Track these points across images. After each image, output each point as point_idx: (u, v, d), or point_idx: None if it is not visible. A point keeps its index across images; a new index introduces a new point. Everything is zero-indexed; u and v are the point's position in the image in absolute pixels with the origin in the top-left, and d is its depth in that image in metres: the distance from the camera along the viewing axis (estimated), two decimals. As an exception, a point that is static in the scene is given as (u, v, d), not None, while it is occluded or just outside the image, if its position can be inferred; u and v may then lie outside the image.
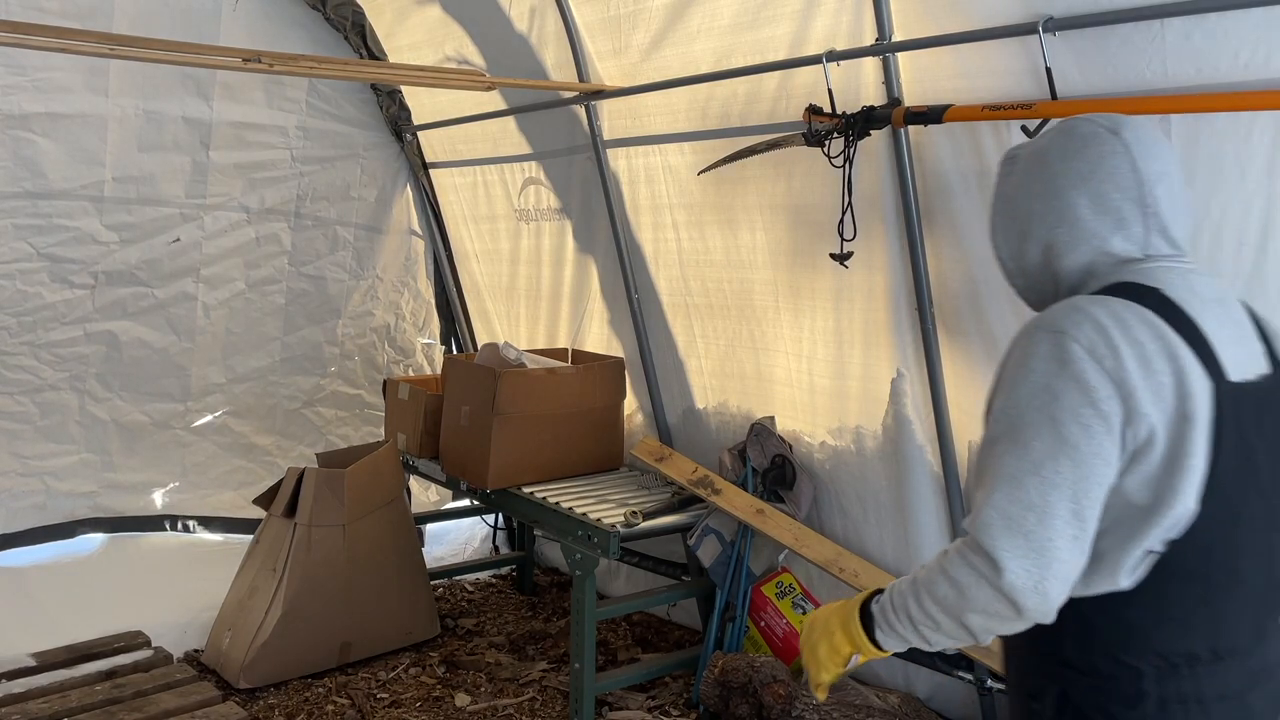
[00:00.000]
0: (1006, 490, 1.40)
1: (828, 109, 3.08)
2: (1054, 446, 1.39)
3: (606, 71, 3.91)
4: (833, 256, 3.10)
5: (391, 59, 4.79)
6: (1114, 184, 1.56)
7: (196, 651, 4.01)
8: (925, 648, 1.55)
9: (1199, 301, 1.49)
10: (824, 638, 1.63)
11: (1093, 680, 1.48)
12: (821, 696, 1.70)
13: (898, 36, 2.91)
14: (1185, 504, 1.39)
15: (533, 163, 4.59)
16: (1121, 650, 1.46)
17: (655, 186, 3.94)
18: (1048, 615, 1.40)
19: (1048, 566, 1.36)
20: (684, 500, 3.71)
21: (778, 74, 3.30)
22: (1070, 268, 1.60)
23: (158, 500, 4.98)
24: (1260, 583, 1.50)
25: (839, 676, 1.66)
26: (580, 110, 4.09)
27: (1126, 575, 1.43)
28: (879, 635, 1.56)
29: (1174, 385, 1.39)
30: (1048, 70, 2.54)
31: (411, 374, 5.40)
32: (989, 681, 3.16)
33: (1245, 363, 1.49)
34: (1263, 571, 1.50)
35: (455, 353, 5.39)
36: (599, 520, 3.49)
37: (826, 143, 3.08)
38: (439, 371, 5.01)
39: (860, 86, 3.06)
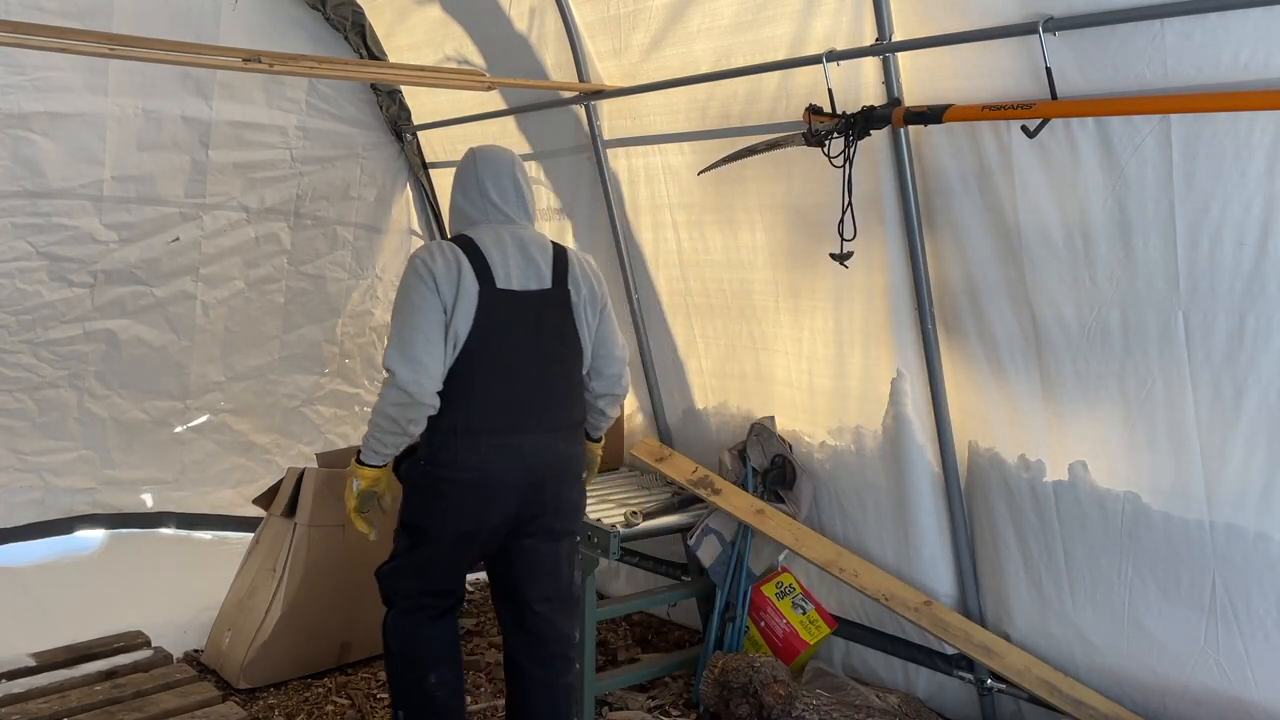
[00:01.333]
0: (395, 336, 2.66)
1: (828, 109, 3.08)
2: (409, 307, 2.65)
3: (606, 71, 3.91)
4: (833, 256, 3.10)
5: (391, 59, 4.79)
6: (469, 180, 2.86)
7: (196, 651, 4.01)
8: (389, 451, 2.76)
9: (497, 244, 2.74)
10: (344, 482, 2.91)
11: (425, 436, 2.73)
12: (359, 526, 2.90)
13: (898, 36, 2.91)
14: (455, 346, 2.65)
15: (533, 163, 4.58)
16: (436, 420, 2.69)
17: (655, 186, 3.94)
18: (428, 396, 2.62)
19: (418, 367, 2.61)
20: (684, 500, 3.71)
21: (778, 74, 3.30)
22: (457, 229, 2.87)
23: (156, 497, 4.98)
24: (511, 399, 2.72)
25: (358, 504, 2.84)
26: (580, 110, 4.09)
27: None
28: (364, 456, 2.79)
29: (457, 281, 2.65)
30: (1048, 70, 2.54)
31: (411, 373, 5.40)
32: (989, 681, 3.16)
33: (517, 279, 2.73)
34: (502, 394, 2.71)
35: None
36: (599, 520, 3.49)
37: (826, 143, 3.07)
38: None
39: (860, 86, 3.06)
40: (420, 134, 5.09)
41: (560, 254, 2.85)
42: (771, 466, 3.59)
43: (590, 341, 2.88)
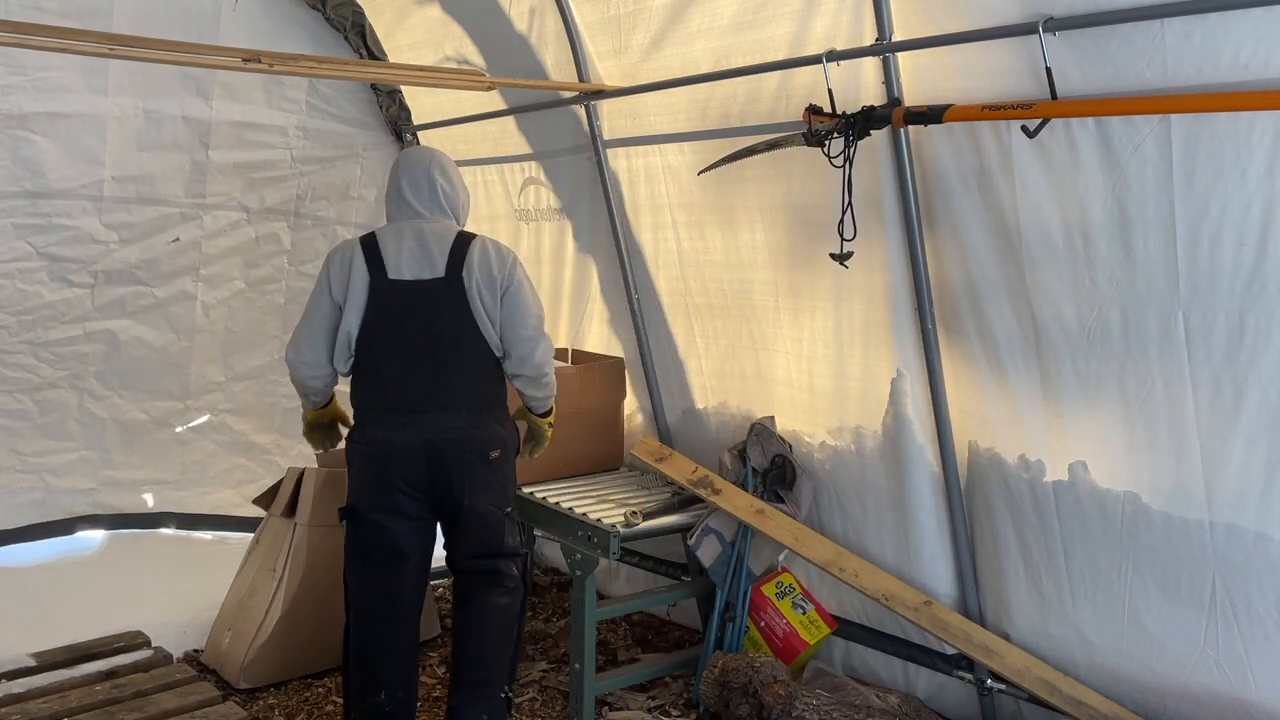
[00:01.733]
0: (296, 325, 3.13)
1: (828, 109, 3.08)
2: (309, 304, 3.10)
3: (606, 71, 3.91)
4: (833, 256, 3.10)
5: (391, 59, 4.79)
6: (391, 184, 3.17)
7: (196, 651, 4.01)
8: (307, 405, 3.31)
9: (396, 238, 3.05)
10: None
11: (353, 413, 3.14)
12: (310, 443, 3.49)
13: (898, 36, 2.91)
14: (350, 331, 3.01)
15: (533, 163, 4.59)
16: (354, 397, 3.10)
17: (655, 186, 3.94)
18: (304, 379, 3.15)
19: (298, 355, 3.10)
20: (684, 500, 3.71)
21: (778, 74, 3.30)
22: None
23: (156, 498, 4.98)
24: (409, 380, 3.02)
25: (306, 429, 3.44)
26: (580, 110, 4.09)
27: (343, 366, 3.09)
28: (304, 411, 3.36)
29: (348, 277, 3.01)
30: (1048, 70, 2.54)
31: (411, 374, 5.40)
32: (989, 681, 3.16)
33: (409, 270, 3.01)
34: (401, 376, 3.02)
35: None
36: (599, 520, 3.49)
37: (826, 143, 3.07)
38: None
39: (860, 86, 3.06)
40: (420, 134, 5.09)
41: (461, 244, 3.06)
42: (771, 466, 3.59)
43: (495, 326, 3.06)
